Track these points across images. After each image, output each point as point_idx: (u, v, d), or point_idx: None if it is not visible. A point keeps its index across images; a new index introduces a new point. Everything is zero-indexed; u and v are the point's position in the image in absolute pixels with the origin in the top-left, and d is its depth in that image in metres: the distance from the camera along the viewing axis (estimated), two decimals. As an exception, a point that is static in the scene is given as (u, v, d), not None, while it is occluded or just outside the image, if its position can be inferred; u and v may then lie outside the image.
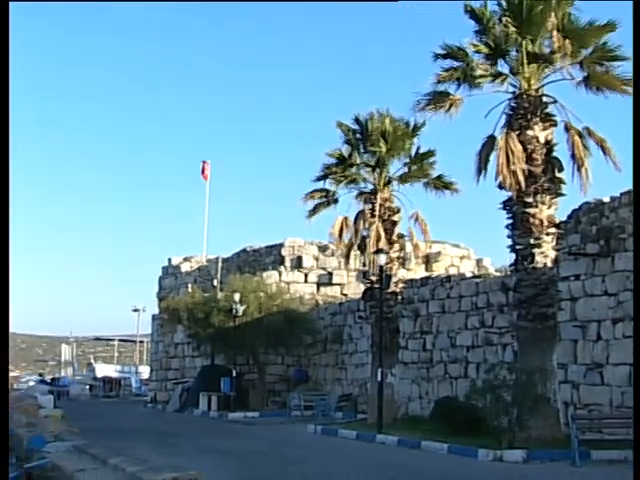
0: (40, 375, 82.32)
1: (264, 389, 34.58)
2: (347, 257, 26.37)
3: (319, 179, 25.57)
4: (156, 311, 45.57)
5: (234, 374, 32.98)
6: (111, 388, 57.78)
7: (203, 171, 46.20)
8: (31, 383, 61.02)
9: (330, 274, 38.95)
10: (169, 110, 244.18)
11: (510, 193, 18.11)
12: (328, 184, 25.84)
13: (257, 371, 35.18)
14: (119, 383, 59.19)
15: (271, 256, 40.76)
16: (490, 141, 18.22)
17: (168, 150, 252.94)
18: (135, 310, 70.68)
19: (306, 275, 39.16)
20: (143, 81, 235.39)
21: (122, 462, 15.60)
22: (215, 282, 39.47)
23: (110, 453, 17.20)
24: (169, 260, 46.67)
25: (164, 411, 37.16)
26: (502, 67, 19.00)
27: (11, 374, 73.17)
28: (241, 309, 32.33)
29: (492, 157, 18.01)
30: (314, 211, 25.69)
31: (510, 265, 19.77)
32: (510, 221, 18.49)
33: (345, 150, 25.66)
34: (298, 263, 39.34)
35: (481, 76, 18.94)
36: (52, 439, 20.07)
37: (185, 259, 46.01)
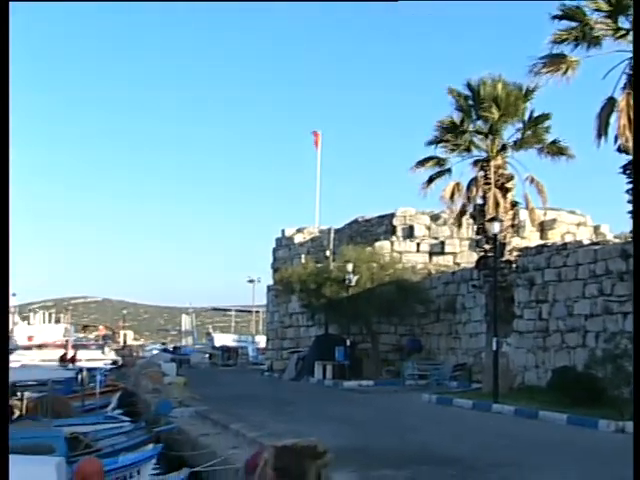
0: (163, 344, 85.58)
1: (378, 358, 34.69)
2: (459, 224, 25.99)
3: (430, 144, 25.20)
4: (271, 282, 46.38)
5: (348, 343, 33.22)
6: (229, 357, 59.29)
7: (316, 142, 46.45)
8: (155, 352, 63.38)
9: (442, 243, 38.54)
10: (282, 82, 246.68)
11: (630, 157, 17.37)
12: (440, 152, 25.46)
13: (370, 340, 35.32)
14: (237, 352, 60.68)
15: (383, 226, 40.66)
16: (610, 103, 17.50)
17: (281, 121, 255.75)
18: (250, 281, 72.22)
19: (418, 244, 38.89)
20: (255, 54, 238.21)
21: (242, 428, 16.07)
22: (327, 253, 39.76)
23: (231, 419, 17.75)
24: (282, 232, 47.29)
25: (280, 379, 37.88)
26: (622, 24, 18.18)
27: (136, 343, 76.41)
28: (354, 279, 32.47)
29: (612, 119, 17.29)
30: (428, 182, 25.38)
31: (630, 231, 19.01)
32: (630, 185, 17.74)
33: (456, 117, 25.17)
34: (410, 233, 39.10)
35: (600, 34, 18.15)
36: (176, 405, 20.83)
37: (298, 230, 46.50)
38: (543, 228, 38.10)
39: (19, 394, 19.22)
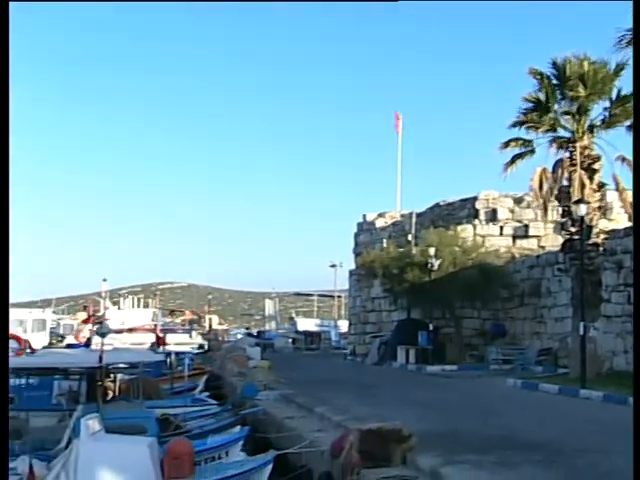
0: (247, 329, 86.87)
1: (461, 343, 34.43)
2: (545, 209, 25.43)
3: (514, 125, 24.68)
4: (352, 267, 46.50)
5: (431, 328, 33.06)
6: (312, 341, 59.80)
7: (397, 126, 46.21)
8: (239, 336, 64.40)
9: (526, 226, 37.87)
10: (364, 64, 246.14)
11: None
12: (524, 133, 24.90)
13: (454, 325, 35.06)
14: (319, 336, 61.15)
15: (465, 210, 40.22)
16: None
17: (363, 105, 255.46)
18: (332, 266, 72.54)
19: (501, 228, 38.32)
20: (334, 37, 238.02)
21: (327, 411, 16.21)
22: (409, 237, 39.59)
23: (315, 402, 17.93)
24: (364, 216, 47.29)
25: (363, 363, 38.00)
26: None
27: (221, 327, 77.69)
28: (436, 263, 32.26)
29: None
30: (511, 163, 24.89)
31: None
32: None
33: (542, 96, 24.57)
34: (493, 216, 38.55)
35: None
36: (261, 388, 21.16)
37: (379, 215, 46.43)
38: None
39: (112, 376, 19.84)
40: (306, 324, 68.78)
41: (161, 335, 44.13)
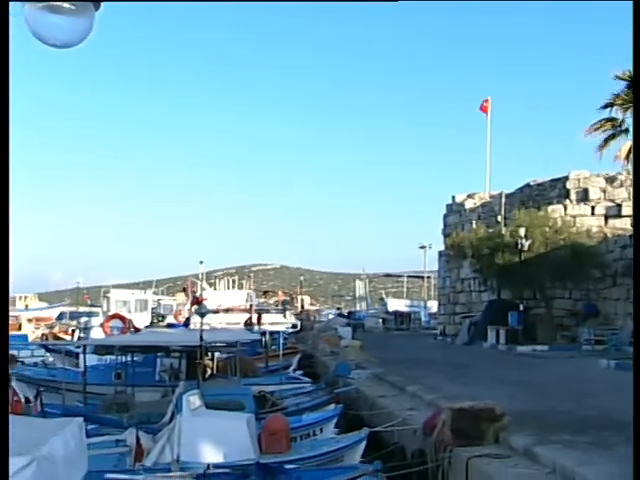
0: (338, 309, 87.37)
1: (552, 323, 33.71)
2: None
3: (605, 107, 23.92)
4: (442, 248, 46.09)
5: (521, 308, 32.51)
6: (402, 321, 59.69)
7: (484, 108, 45.40)
8: (330, 316, 64.91)
9: (619, 206, 36.65)
10: (454, 46, 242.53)
11: None
12: (615, 112, 24.11)
13: (544, 306, 34.35)
14: (409, 317, 60.97)
15: (555, 190, 39.23)
16: None
17: (453, 85, 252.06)
18: (421, 247, 72.20)
19: (593, 208, 37.23)
20: (426, 22, 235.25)
21: (418, 390, 16.20)
22: (499, 218, 38.93)
23: (406, 381, 17.93)
24: (453, 197, 46.73)
25: (453, 344, 37.72)
26: None
27: (312, 307, 78.38)
28: (527, 244, 31.65)
29: None
30: (604, 143, 24.15)
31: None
32: None
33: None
34: (584, 196, 37.48)
35: None
36: (353, 367, 21.29)
37: (469, 196, 45.78)
38: None
39: (209, 354, 20.35)
40: (396, 304, 68.65)
41: (256, 315, 44.93)
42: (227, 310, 50.45)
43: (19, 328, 51.42)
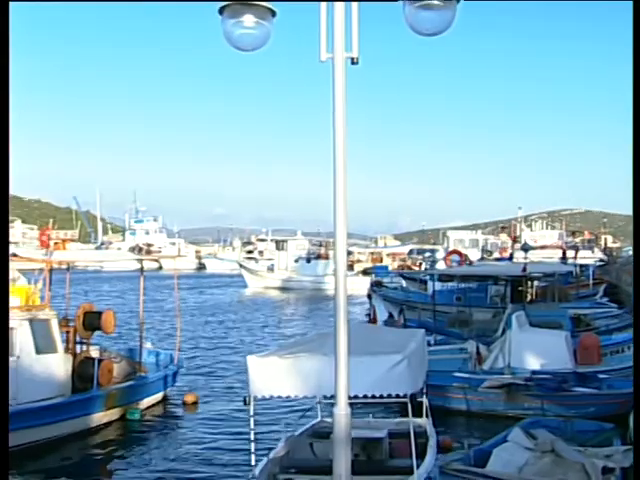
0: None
1: None
2: None
3: None
4: None
5: None
6: None
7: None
8: (630, 252, 58.39)
9: None
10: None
11: None
12: None
13: None
14: None
15: None
16: None
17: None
18: None
19: None
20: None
21: None
22: None
23: None
24: None
25: None
26: None
27: (615, 245, 71.29)
28: None
29: None
30: None
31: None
32: None
33: None
34: None
35: None
36: None
37: None
38: None
39: (530, 283, 19.45)
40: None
41: (573, 251, 42.62)
42: (542, 247, 48.57)
43: (381, 260, 54.94)
